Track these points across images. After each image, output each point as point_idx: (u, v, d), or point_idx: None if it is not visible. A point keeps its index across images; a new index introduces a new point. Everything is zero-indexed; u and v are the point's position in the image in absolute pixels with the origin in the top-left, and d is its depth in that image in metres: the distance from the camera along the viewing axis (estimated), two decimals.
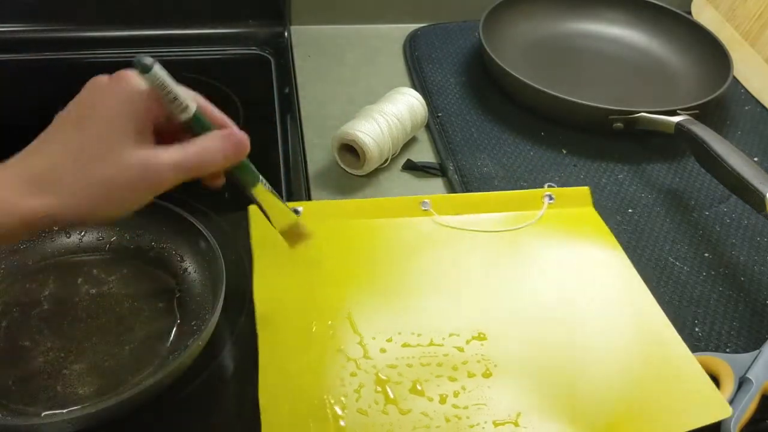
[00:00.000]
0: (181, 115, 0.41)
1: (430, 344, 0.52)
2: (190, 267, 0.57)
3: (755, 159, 0.74)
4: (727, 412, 0.47)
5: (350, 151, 0.68)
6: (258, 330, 0.51)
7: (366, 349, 0.51)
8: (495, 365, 0.50)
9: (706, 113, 0.74)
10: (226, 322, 0.53)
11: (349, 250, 0.59)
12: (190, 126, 0.42)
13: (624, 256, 0.60)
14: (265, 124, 0.76)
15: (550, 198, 0.64)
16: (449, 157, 0.71)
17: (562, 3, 0.93)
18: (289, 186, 0.67)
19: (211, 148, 0.42)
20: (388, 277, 0.57)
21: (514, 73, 0.76)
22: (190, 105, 0.41)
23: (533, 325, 0.54)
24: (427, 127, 0.75)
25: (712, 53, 0.84)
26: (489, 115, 0.78)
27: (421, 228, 0.61)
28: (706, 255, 0.63)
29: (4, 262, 0.57)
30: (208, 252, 0.55)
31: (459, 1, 0.95)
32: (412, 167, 0.70)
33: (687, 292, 0.59)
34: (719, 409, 0.48)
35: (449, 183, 0.69)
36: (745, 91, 0.86)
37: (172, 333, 0.53)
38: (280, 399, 0.47)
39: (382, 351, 0.51)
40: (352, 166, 0.68)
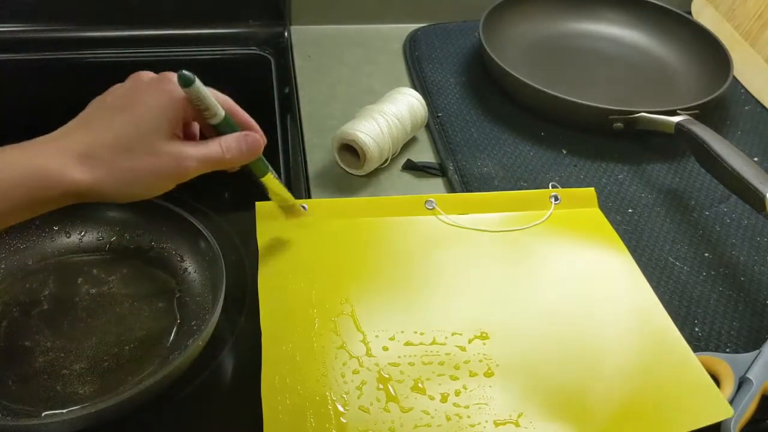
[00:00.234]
0: (211, 120, 0.48)
1: (433, 343, 0.52)
2: (190, 267, 0.57)
3: (755, 159, 0.74)
4: (729, 413, 0.47)
5: (350, 151, 0.68)
6: (261, 325, 0.51)
7: (369, 347, 0.51)
8: (497, 365, 0.50)
9: (706, 113, 0.74)
10: (226, 322, 0.53)
11: (353, 248, 0.59)
12: (217, 129, 0.48)
13: (629, 257, 0.60)
14: (265, 124, 0.76)
15: (556, 199, 0.65)
16: (449, 157, 0.71)
17: (562, 3, 0.93)
18: (289, 186, 0.67)
19: (231, 148, 0.48)
20: (392, 276, 0.57)
21: (514, 73, 0.76)
22: (219, 112, 0.47)
23: (536, 325, 0.54)
24: (427, 127, 0.75)
25: (712, 53, 0.84)
26: (489, 115, 0.78)
27: (426, 227, 0.62)
28: (706, 255, 0.63)
29: (4, 262, 0.57)
30: (208, 252, 0.55)
31: (459, 1, 0.95)
32: (412, 167, 0.70)
33: (687, 292, 0.59)
34: (721, 410, 0.48)
35: (449, 183, 0.69)
36: (745, 91, 0.86)
37: (172, 333, 0.53)
38: (282, 395, 0.47)
39: (385, 349, 0.51)
40: (352, 166, 0.68)
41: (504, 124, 0.77)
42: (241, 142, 0.49)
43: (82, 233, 0.59)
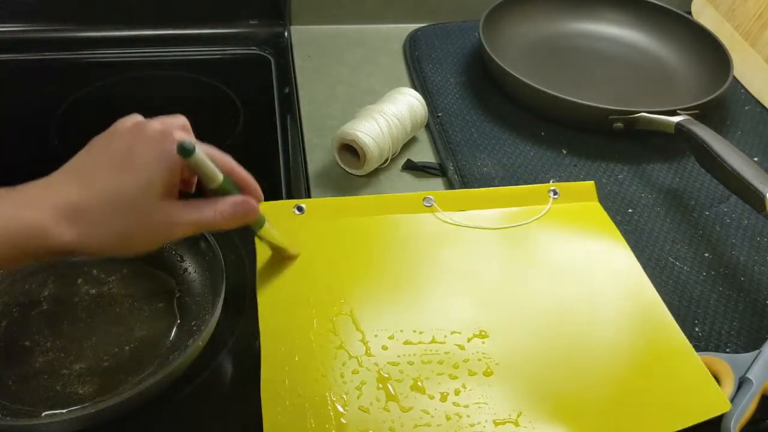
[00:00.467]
0: (208, 185, 0.46)
1: (432, 342, 0.52)
2: (190, 267, 0.57)
3: (755, 159, 0.74)
4: (726, 407, 0.47)
5: (350, 151, 0.68)
6: (260, 326, 0.51)
7: (368, 346, 0.51)
8: (496, 363, 0.50)
9: (706, 113, 0.74)
10: (226, 322, 0.53)
11: (351, 248, 0.59)
12: (214, 192, 0.47)
13: (629, 251, 0.60)
14: (265, 124, 0.76)
15: (555, 193, 0.64)
16: (449, 157, 0.71)
17: (562, 3, 0.93)
18: (289, 186, 0.67)
19: (224, 213, 0.46)
20: (391, 274, 0.57)
21: (514, 73, 0.76)
22: (218, 178, 0.46)
23: (535, 322, 0.54)
24: (427, 127, 0.75)
25: (712, 53, 0.84)
26: (489, 115, 0.78)
27: (425, 224, 0.61)
28: (706, 255, 0.63)
29: None
30: (208, 252, 0.55)
31: (459, 1, 0.95)
32: (412, 167, 0.70)
33: (687, 292, 0.59)
34: (718, 404, 0.48)
35: (449, 183, 0.69)
36: (745, 91, 0.86)
37: (172, 333, 0.53)
38: (282, 396, 0.47)
39: (384, 348, 0.51)
40: (352, 166, 0.68)
41: (504, 124, 0.77)
42: (236, 208, 0.47)
43: None
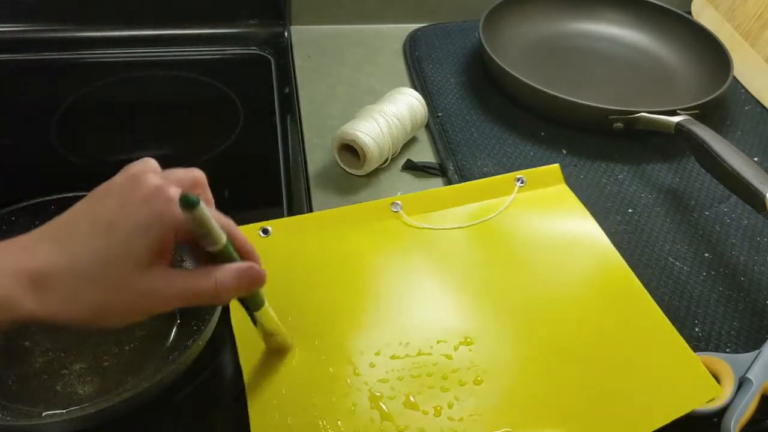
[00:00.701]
0: (209, 248, 0.40)
1: (419, 354, 0.51)
2: (190, 267, 0.57)
3: (755, 159, 0.74)
4: (717, 391, 0.47)
5: (350, 151, 0.68)
6: (242, 364, 0.49)
7: (355, 366, 0.49)
8: (484, 371, 0.50)
9: (706, 113, 0.74)
10: (226, 322, 0.53)
11: (324, 266, 0.57)
12: (214, 255, 0.41)
13: (597, 228, 0.60)
14: (265, 124, 0.76)
15: (522, 181, 0.64)
16: (449, 157, 0.71)
17: (562, 3, 0.93)
18: (289, 186, 0.67)
19: (225, 283, 0.40)
20: (368, 288, 0.55)
21: (514, 73, 0.76)
22: (221, 240, 0.40)
23: (517, 320, 0.53)
24: (427, 127, 0.75)
25: (712, 53, 0.84)
26: (489, 115, 0.78)
27: (395, 232, 0.60)
28: (706, 255, 0.63)
29: None
30: None
31: (459, 1, 0.95)
32: (412, 167, 0.70)
33: (687, 292, 0.59)
34: (708, 390, 0.48)
35: (449, 183, 0.69)
36: (745, 91, 0.86)
37: (172, 333, 0.53)
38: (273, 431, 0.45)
39: (372, 366, 0.50)
40: (352, 166, 0.68)
41: (504, 124, 0.77)
42: (241, 277, 0.40)
43: None
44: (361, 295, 0.55)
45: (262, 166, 0.71)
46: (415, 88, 0.76)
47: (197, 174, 0.42)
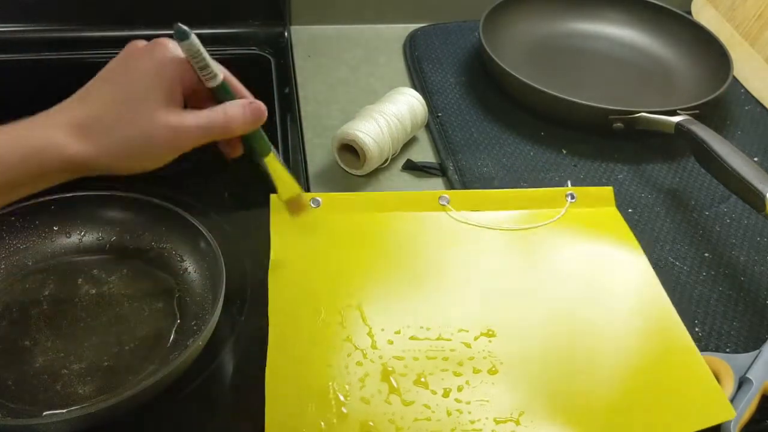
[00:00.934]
0: (210, 83, 0.46)
1: (438, 338, 0.52)
2: (190, 267, 0.57)
3: (755, 159, 0.74)
4: (731, 414, 0.47)
5: (350, 151, 0.68)
6: (269, 311, 0.51)
7: (374, 340, 0.51)
8: (501, 362, 0.51)
9: (706, 113, 0.74)
10: (226, 322, 0.53)
11: (364, 242, 0.59)
12: (216, 93, 0.46)
13: (644, 258, 0.59)
14: (265, 124, 0.76)
15: (572, 197, 0.64)
16: (449, 157, 0.71)
17: (562, 3, 0.92)
18: None
19: (233, 114, 0.46)
20: (401, 270, 0.57)
21: (514, 73, 0.76)
22: (219, 74, 0.46)
23: (544, 324, 0.54)
24: (427, 127, 0.75)
25: (712, 53, 0.84)
26: (489, 115, 0.78)
27: (438, 223, 0.62)
28: (706, 255, 0.63)
29: (4, 263, 0.57)
30: (208, 252, 0.55)
31: (459, 1, 0.95)
32: (412, 167, 0.70)
33: (687, 292, 0.59)
34: (724, 412, 0.48)
35: (449, 183, 0.69)
36: (745, 91, 0.86)
37: (172, 333, 0.53)
38: (286, 382, 0.47)
39: (390, 342, 0.51)
40: (352, 166, 0.68)
41: (504, 124, 0.77)
42: (245, 109, 0.47)
43: (82, 233, 0.59)
44: (394, 276, 0.56)
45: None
46: (415, 88, 0.76)
47: None
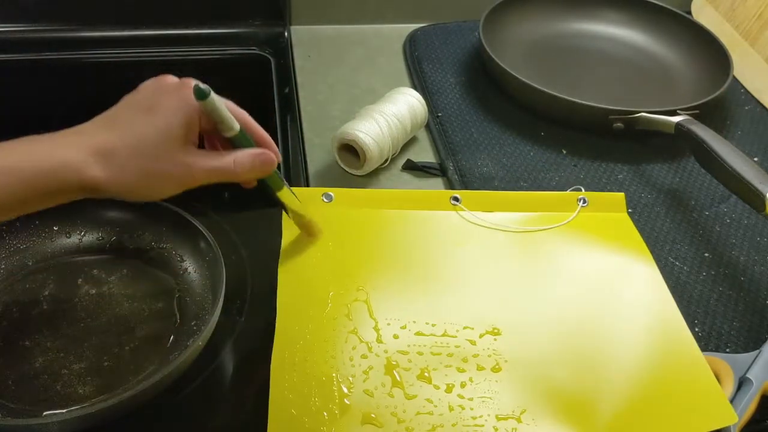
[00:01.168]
0: (226, 134, 0.48)
1: (444, 335, 0.52)
2: (190, 267, 0.57)
3: (755, 159, 0.74)
4: (734, 419, 0.47)
5: (350, 151, 0.68)
6: (278, 301, 0.52)
7: (379, 334, 0.52)
8: (506, 361, 0.51)
9: (706, 113, 0.74)
10: (226, 322, 0.53)
11: (375, 238, 0.60)
12: (232, 142, 0.49)
13: (653, 264, 0.59)
14: (265, 124, 0.76)
15: (584, 201, 0.65)
16: (449, 157, 0.71)
17: (562, 3, 0.92)
18: (290, 186, 0.67)
19: (242, 163, 0.49)
20: (409, 267, 0.57)
21: (514, 73, 0.76)
22: (234, 127, 0.48)
23: (549, 325, 0.54)
24: (427, 127, 0.75)
25: (712, 53, 0.84)
26: (489, 115, 0.78)
27: (449, 222, 0.62)
28: (706, 255, 0.63)
29: (4, 262, 0.57)
30: (208, 252, 0.55)
31: (459, 1, 0.95)
32: (412, 167, 0.70)
33: (687, 292, 0.59)
34: (725, 416, 0.47)
35: (449, 183, 0.69)
36: (745, 91, 0.86)
37: (172, 333, 0.53)
38: (291, 372, 0.48)
39: (395, 337, 0.52)
40: (352, 166, 0.68)
41: (504, 124, 0.77)
42: (254, 159, 0.49)
43: (82, 233, 0.59)
44: (402, 272, 0.57)
45: None
46: (415, 88, 0.76)
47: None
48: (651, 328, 0.54)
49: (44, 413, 0.47)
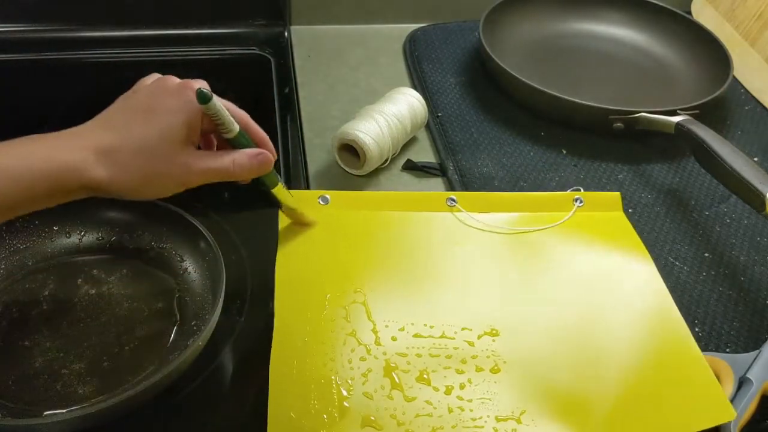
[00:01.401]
0: (225, 135, 0.50)
1: (442, 336, 0.52)
2: (190, 267, 0.57)
3: (755, 159, 0.74)
4: (732, 416, 0.47)
5: (350, 151, 0.68)
6: (275, 304, 0.52)
7: (378, 336, 0.52)
8: (504, 362, 0.51)
9: (706, 113, 0.74)
10: (226, 322, 0.53)
11: (371, 240, 0.60)
12: (232, 143, 0.50)
13: (650, 263, 0.59)
14: (265, 124, 0.76)
15: (580, 201, 0.65)
16: (449, 157, 0.71)
17: (563, 3, 0.92)
18: (289, 186, 0.67)
19: (240, 163, 0.50)
20: (407, 269, 0.57)
21: (514, 73, 0.76)
22: (234, 129, 0.49)
23: (547, 325, 0.54)
24: (427, 127, 0.75)
25: (712, 53, 0.84)
26: (489, 115, 0.78)
27: (445, 223, 0.62)
28: (706, 255, 0.63)
29: (4, 262, 0.57)
30: (208, 252, 0.55)
31: (459, 1, 0.95)
32: (412, 167, 0.70)
33: (687, 292, 0.59)
34: (724, 413, 0.48)
35: (449, 183, 0.69)
36: (745, 91, 0.86)
37: (172, 333, 0.53)
38: (289, 376, 0.48)
39: (394, 339, 0.52)
40: (352, 166, 0.68)
41: (504, 124, 0.77)
42: (252, 159, 0.50)
43: (82, 233, 0.59)
44: (399, 274, 0.57)
45: None
46: (415, 88, 0.76)
47: (203, 81, 0.49)
48: (647, 325, 0.54)
49: (44, 413, 0.47)
